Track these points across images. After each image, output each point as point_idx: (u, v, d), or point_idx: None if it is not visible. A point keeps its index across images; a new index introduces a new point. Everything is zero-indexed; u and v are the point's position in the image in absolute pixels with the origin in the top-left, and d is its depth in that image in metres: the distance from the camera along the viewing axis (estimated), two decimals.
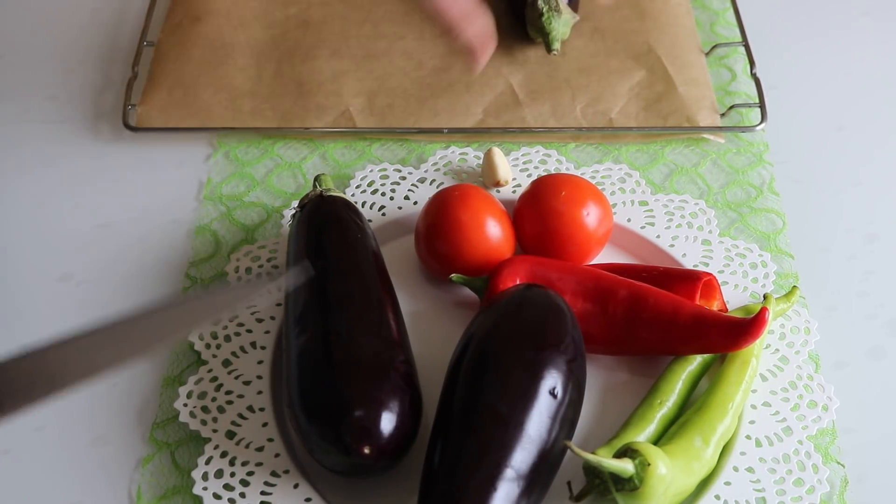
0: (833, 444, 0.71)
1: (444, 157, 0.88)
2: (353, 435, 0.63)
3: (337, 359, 0.66)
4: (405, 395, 0.65)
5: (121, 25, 1.03)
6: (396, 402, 0.64)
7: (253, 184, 0.88)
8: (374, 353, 0.67)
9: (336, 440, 0.63)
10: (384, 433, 0.63)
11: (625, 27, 0.99)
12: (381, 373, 0.66)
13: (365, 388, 0.65)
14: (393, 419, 0.64)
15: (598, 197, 0.78)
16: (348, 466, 0.64)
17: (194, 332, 0.73)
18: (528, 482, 0.62)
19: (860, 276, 0.81)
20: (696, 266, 0.79)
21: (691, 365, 0.71)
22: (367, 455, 0.63)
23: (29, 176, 0.90)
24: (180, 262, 0.82)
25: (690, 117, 0.91)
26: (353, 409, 0.64)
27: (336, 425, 0.63)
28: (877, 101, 0.95)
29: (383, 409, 0.64)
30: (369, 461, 0.63)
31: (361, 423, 0.63)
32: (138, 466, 0.71)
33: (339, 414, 0.64)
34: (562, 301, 0.70)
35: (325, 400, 0.65)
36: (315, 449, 0.65)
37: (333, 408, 0.64)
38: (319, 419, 0.64)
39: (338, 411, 0.64)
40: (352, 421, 0.63)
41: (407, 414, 0.65)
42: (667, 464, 0.62)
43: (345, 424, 0.63)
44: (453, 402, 0.65)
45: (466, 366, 0.66)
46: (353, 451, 0.63)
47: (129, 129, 0.91)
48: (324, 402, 0.65)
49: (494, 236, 0.77)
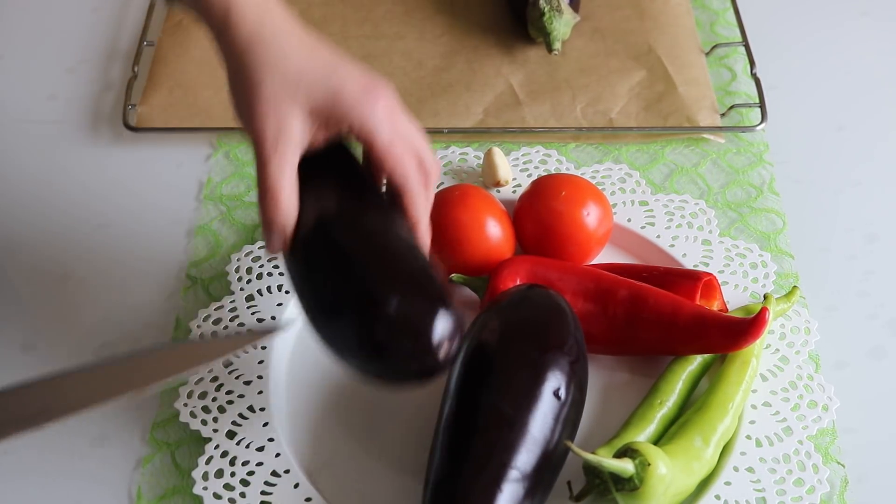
0: (833, 444, 0.71)
1: (444, 157, 0.88)
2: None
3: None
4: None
5: (121, 25, 1.03)
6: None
7: (253, 184, 0.88)
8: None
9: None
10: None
11: (625, 27, 0.99)
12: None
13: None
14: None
15: (599, 197, 0.78)
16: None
17: (179, 379, 0.67)
18: (532, 483, 0.62)
19: (860, 276, 0.81)
20: (696, 266, 0.79)
21: (691, 365, 0.71)
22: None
23: (29, 176, 0.90)
24: (180, 262, 0.82)
25: (690, 117, 0.91)
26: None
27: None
28: (877, 101, 0.95)
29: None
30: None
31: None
32: (138, 466, 0.71)
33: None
34: (563, 301, 0.70)
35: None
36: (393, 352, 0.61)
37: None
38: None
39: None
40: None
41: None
42: (667, 464, 0.62)
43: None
44: (457, 402, 0.65)
45: (470, 366, 0.67)
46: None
47: (129, 129, 0.91)
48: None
49: (494, 236, 0.77)
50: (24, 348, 0.77)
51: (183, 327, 0.77)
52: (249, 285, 0.78)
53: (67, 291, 0.81)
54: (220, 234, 0.84)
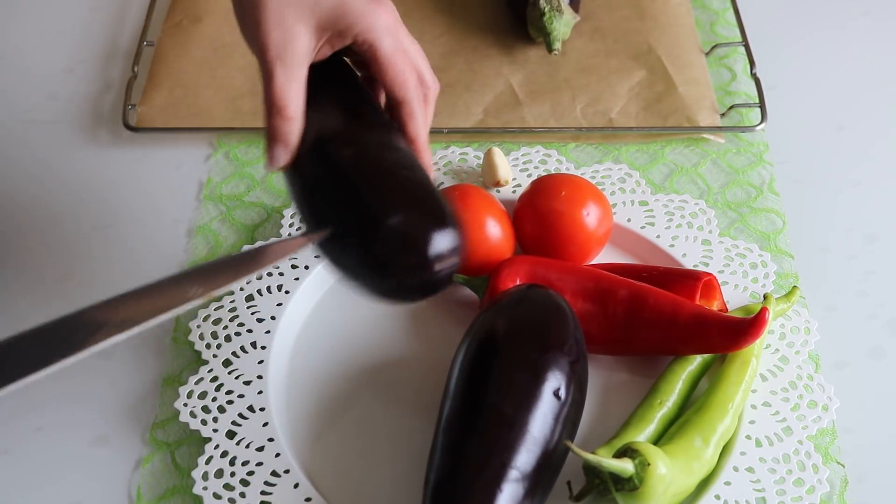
0: (833, 444, 0.71)
1: (444, 157, 0.88)
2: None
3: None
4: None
5: (121, 25, 1.03)
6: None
7: (253, 184, 0.88)
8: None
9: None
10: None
11: (625, 27, 0.99)
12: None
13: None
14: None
15: (598, 197, 0.78)
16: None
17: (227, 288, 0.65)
18: (532, 483, 0.62)
19: (860, 276, 0.81)
20: (696, 266, 0.79)
21: (691, 365, 0.71)
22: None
23: (29, 176, 0.90)
24: (180, 262, 0.82)
25: (690, 117, 0.91)
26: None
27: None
28: (877, 101, 0.95)
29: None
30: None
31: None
32: (138, 466, 0.71)
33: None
34: (563, 301, 0.70)
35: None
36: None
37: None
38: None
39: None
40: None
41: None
42: (667, 464, 0.62)
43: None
44: (457, 402, 0.65)
45: (470, 366, 0.67)
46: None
47: (129, 129, 0.91)
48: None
49: (494, 236, 0.77)
50: None
51: (183, 327, 0.77)
52: (249, 285, 0.78)
53: (67, 291, 0.81)
54: (220, 234, 0.84)
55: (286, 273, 0.78)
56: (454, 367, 0.68)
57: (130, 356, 0.77)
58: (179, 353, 0.76)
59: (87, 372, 0.76)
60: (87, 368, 0.76)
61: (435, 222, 0.60)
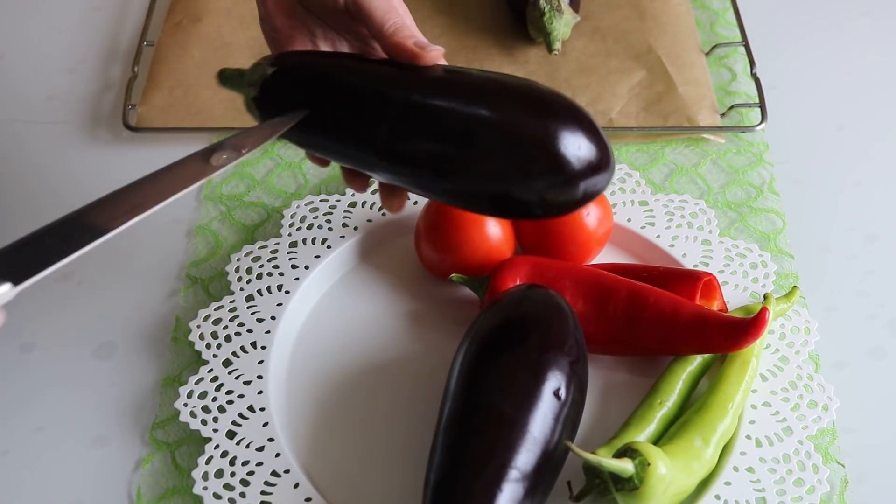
0: (833, 444, 0.71)
1: None
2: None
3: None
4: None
5: (121, 25, 1.03)
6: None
7: (253, 184, 0.88)
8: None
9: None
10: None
11: (625, 27, 0.99)
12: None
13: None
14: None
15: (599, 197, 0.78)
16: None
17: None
18: (533, 483, 0.62)
19: (860, 276, 0.81)
20: (696, 266, 0.79)
21: (691, 365, 0.71)
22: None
23: (29, 176, 0.89)
24: (180, 262, 0.82)
25: (690, 117, 0.91)
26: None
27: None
28: (877, 101, 0.95)
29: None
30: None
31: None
32: (138, 466, 0.71)
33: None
34: (563, 301, 0.70)
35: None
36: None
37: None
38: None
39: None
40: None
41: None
42: (667, 464, 0.62)
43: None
44: (457, 402, 0.65)
45: (470, 366, 0.66)
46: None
47: (129, 129, 0.91)
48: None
49: (494, 236, 0.77)
50: (23, 348, 0.77)
51: (183, 327, 0.77)
52: (249, 285, 0.78)
53: (67, 291, 0.81)
54: (220, 234, 0.84)
55: (286, 273, 0.78)
56: (454, 367, 0.68)
57: (130, 356, 0.77)
58: (179, 352, 0.76)
59: (87, 372, 0.76)
60: (87, 368, 0.76)
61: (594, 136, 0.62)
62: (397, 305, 0.79)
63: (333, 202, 0.84)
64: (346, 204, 0.83)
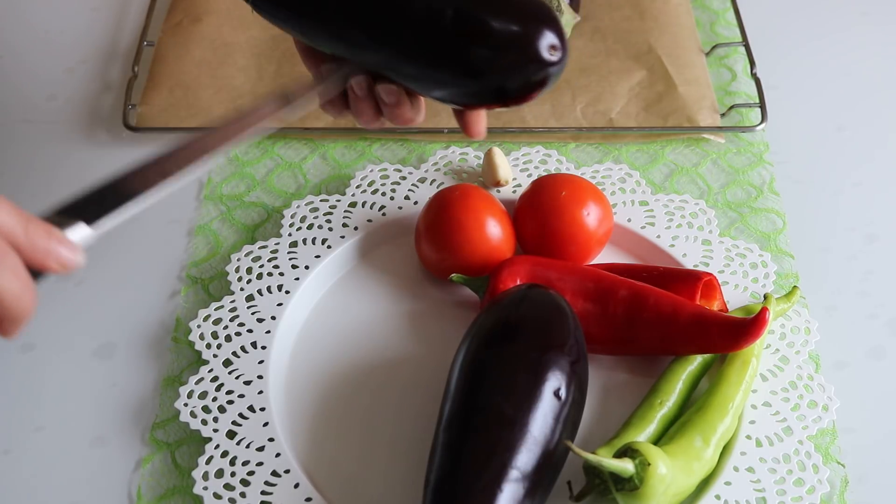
0: (833, 444, 0.71)
1: (444, 157, 0.88)
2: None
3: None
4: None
5: (121, 25, 1.03)
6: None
7: (253, 184, 0.88)
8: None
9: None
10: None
11: (625, 27, 0.99)
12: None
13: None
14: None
15: (599, 197, 0.78)
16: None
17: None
18: (533, 483, 0.62)
19: (860, 276, 0.81)
20: (696, 266, 0.79)
21: (691, 365, 0.71)
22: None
23: (29, 176, 0.90)
24: (180, 262, 0.82)
25: (691, 117, 0.91)
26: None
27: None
28: (877, 102, 0.95)
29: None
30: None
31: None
32: (138, 467, 0.71)
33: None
34: (564, 301, 0.70)
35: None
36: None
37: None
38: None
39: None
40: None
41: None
42: (667, 464, 0.62)
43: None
44: (457, 402, 0.65)
45: (471, 366, 0.67)
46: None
47: (130, 129, 0.91)
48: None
49: (494, 236, 0.77)
50: (23, 348, 0.77)
51: (183, 327, 0.77)
52: (249, 285, 0.78)
53: (67, 291, 0.81)
54: (220, 234, 0.84)
55: (286, 273, 0.78)
56: (454, 367, 0.68)
57: (130, 356, 0.77)
58: (180, 352, 0.76)
59: (88, 372, 0.76)
60: (87, 368, 0.76)
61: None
62: (397, 305, 0.79)
63: (333, 202, 0.84)
64: (346, 204, 0.83)
